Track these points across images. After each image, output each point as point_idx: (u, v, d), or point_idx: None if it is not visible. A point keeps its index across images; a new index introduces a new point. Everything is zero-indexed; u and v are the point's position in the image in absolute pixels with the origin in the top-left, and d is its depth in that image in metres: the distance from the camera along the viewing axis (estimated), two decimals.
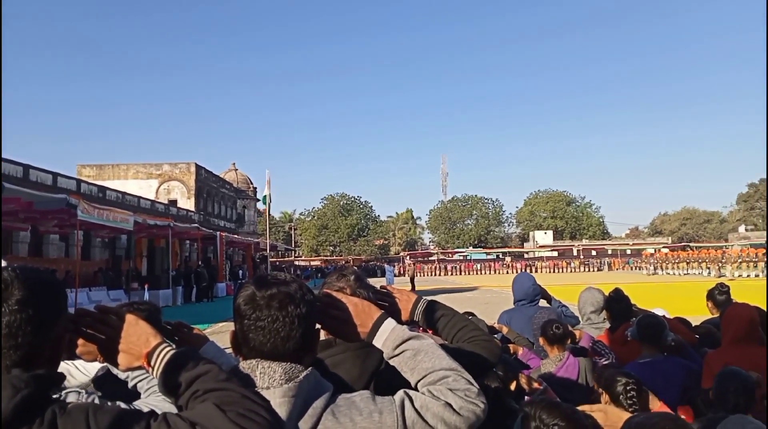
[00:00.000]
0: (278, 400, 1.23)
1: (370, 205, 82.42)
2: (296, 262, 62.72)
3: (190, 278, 26.29)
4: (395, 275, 39.74)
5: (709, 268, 40.59)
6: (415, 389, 1.38)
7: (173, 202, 39.59)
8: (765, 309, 3.69)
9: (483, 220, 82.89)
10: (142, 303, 1.80)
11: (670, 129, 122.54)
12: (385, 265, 37.94)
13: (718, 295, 4.27)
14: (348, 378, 1.58)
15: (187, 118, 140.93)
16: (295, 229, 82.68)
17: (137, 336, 1.23)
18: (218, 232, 31.79)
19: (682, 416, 2.96)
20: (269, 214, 39.81)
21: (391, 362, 1.44)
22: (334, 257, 71.45)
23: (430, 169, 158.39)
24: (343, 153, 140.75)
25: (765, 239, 52.09)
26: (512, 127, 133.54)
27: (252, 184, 54.22)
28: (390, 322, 1.49)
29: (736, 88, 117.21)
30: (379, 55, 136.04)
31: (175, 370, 1.13)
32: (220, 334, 14.69)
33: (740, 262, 39.09)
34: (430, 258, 67.19)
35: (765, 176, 62.36)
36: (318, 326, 1.48)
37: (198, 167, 42.97)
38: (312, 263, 64.10)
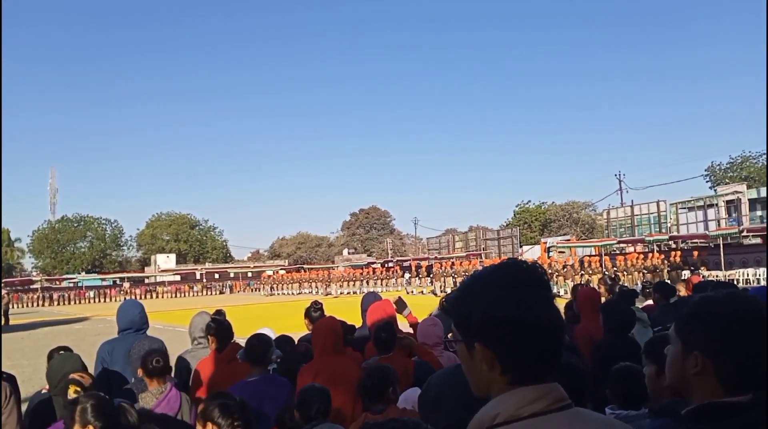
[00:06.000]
0: None
1: None
2: None
3: None
4: None
5: (318, 286, 45.35)
6: None
7: None
8: (348, 322, 4.26)
9: (98, 243, 75.97)
10: None
11: (284, 161, 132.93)
12: None
13: (313, 312, 4.71)
14: None
15: None
16: None
17: None
18: None
19: None
20: None
21: None
22: None
23: (35, 184, 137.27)
24: None
25: (362, 261, 61.06)
26: (135, 144, 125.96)
27: None
28: None
29: (329, 129, 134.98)
30: None
31: None
32: None
33: (343, 281, 44.78)
34: (31, 286, 58.15)
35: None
36: None
37: None
38: None
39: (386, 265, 51.87)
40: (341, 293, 40.92)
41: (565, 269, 31.49)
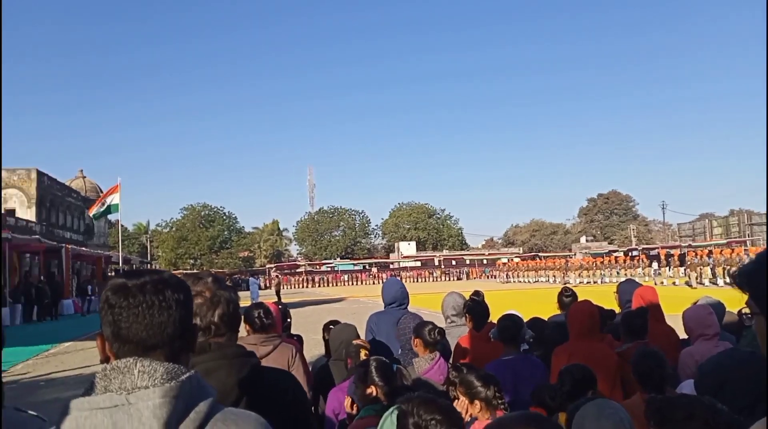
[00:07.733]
0: (158, 401, 1.10)
1: (234, 216, 80.00)
2: None
3: (30, 295, 23.94)
4: (261, 288, 38.91)
5: (555, 275, 43.97)
6: None
7: (10, 212, 35.89)
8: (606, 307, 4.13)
9: (350, 232, 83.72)
10: None
11: (517, 149, 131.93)
12: (250, 278, 36.83)
13: (565, 298, 4.72)
14: (220, 388, 1.51)
15: (26, 119, 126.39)
16: (151, 242, 78.15)
17: None
18: (63, 245, 29.50)
19: None
20: (120, 225, 37.69)
21: None
22: (195, 271, 68.22)
23: (297, 180, 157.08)
24: (205, 161, 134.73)
25: (602, 249, 57.76)
26: (378, 140, 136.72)
27: (102, 192, 50.53)
28: None
29: (565, 116, 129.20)
30: (243, 63, 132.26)
31: None
32: (67, 354, 13.43)
33: (582, 270, 42.79)
34: (297, 270, 66.62)
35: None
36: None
37: (40, 174, 39.52)
38: None
39: (630, 254, 48.34)
40: (580, 282, 39.16)
41: None
